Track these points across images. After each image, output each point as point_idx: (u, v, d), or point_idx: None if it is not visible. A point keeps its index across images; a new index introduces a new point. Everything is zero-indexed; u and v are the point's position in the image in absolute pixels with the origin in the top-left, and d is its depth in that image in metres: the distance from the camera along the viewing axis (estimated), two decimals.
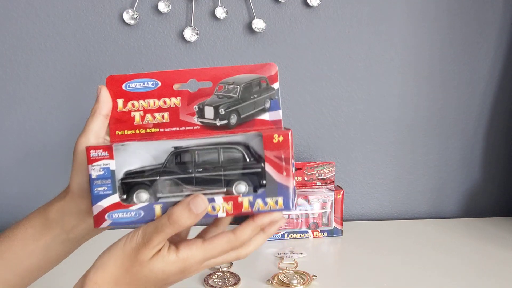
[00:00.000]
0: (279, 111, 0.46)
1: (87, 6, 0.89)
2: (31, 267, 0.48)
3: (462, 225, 0.95)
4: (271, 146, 0.42)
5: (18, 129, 0.92)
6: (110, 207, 0.43)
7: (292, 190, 0.42)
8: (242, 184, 0.44)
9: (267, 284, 0.68)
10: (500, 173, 1.04)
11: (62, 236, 0.47)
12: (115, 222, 0.43)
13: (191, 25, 0.90)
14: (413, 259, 0.78)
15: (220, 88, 0.47)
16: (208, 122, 0.46)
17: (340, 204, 0.88)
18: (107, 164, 0.42)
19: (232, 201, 0.42)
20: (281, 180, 0.42)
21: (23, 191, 0.94)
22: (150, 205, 0.43)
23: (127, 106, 0.47)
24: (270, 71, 0.46)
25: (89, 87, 0.92)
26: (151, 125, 0.47)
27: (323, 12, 0.94)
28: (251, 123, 0.46)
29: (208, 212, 0.42)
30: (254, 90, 0.47)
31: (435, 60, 0.98)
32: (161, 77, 0.47)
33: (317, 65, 0.96)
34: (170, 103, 0.47)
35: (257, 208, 0.42)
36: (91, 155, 0.42)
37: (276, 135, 0.42)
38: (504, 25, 0.98)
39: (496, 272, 0.73)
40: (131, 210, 0.43)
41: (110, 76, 0.47)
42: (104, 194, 0.43)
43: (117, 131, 0.47)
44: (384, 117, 0.99)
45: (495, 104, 1.01)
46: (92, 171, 0.42)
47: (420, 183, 1.03)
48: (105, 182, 0.42)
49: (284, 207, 0.42)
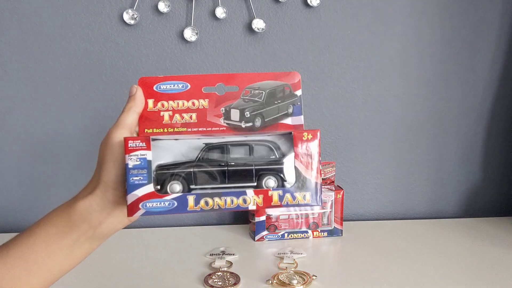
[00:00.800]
0: (301, 116, 0.49)
1: (87, 6, 0.89)
2: (53, 267, 0.47)
3: (462, 225, 0.95)
4: (301, 143, 0.45)
5: (18, 129, 0.92)
6: (144, 197, 0.44)
7: (320, 186, 0.45)
8: (272, 179, 0.46)
9: (267, 284, 0.68)
10: (500, 173, 1.04)
11: (89, 232, 0.47)
12: (149, 211, 0.44)
13: (191, 25, 0.90)
14: (413, 259, 0.78)
15: (246, 93, 0.50)
16: (234, 123, 0.49)
17: (340, 204, 0.88)
18: (144, 155, 0.44)
19: (263, 194, 0.44)
20: (309, 176, 0.45)
21: (23, 191, 0.94)
22: (183, 196, 0.44)
23: (157, 106, 0.49)
24: (293, 79, 0.50)
25: (89, 87, 0.92)
26: (179, 124, 0.49)
27: (323, 12, 0.94)
28: (274, 126, 0.49)
29: (239, 204, 0.44)
30: (278, 96, 0.50)
31: (435, 60, 0.98)
32: (191, 80, 0.50)
33: (317, 65, 0.96)
34: (198, 105, 0.49)
35: (286, 201, 0.44)
36: (129, 145, 0.44)
37: (305, 133, 0.45)
38: (503, 25, 0.98)
39: (496, 272, 0.73)
40: (165, 200, 0.44)
41: (142, 78, 0.49)
42: (140, 184, 0.44)
43: (146, 129, 0.49)
44: (384, 117, 0.99)
45: (495, 104, 1.01)
46: (129, 161, 0.44)
47: (420, 183, 1.03)
48: (141, 172, 0.44)
49: (311, 201, 0.45)
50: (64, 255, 0.47)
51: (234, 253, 0.79)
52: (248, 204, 0.44)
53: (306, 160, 0.45)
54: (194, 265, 0.75)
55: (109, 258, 0.78)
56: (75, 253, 0.47)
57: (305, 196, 0.45)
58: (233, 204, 0.44)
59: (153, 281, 0.69)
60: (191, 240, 0.87)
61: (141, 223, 0.95)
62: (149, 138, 0.44)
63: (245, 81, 0.50)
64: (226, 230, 0.92)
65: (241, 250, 0.81)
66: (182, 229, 0.93)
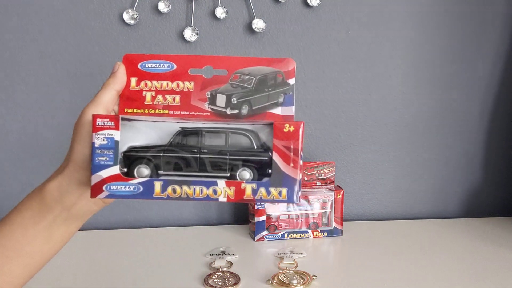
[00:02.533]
0: (292, 107, 0.46)
1: (87, 6, 0.89)
2: (34, 253, 0.45)
3: (463, 225, 0.95)
4: (281, 135, 0.42)
5: (19, 129, 0.92)
6: (109, 178, 0.42)
7: (298, 183, 0.42)
8: (247, 171, 0.43)
9: (267, 284, 0.68)
10: (501, 173, 1.04)
11: (63, 214, 0.45)
12: (113, 194, 0.42)
13: (191, 25, 0.90)
14: (413, 259, 0.78)
15: (235, 78, 0.47)
16: (219, 109, 0.46)
17: (340, 204, 0.88)
18: (112, 134, 0.42)
19: (235, 186, 0.42)
20: (288, 171, 0.42)
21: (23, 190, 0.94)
22: (150, 181, 0.42)
23: (140, 85, 0.47)
24: (287, 66, 0.46)
25: (89, 87, 0.92)
26: (161, 106, 0.46)
27: (323, 12, 0.94)
28: (262, 115, 0.46)
29: (209, 195, 0.42)
30: (269, 83, 0.47)
31: (436, 60, 0.98)
32: (178, 60, 0.47)
33: (318, 65, 0.96)
34: (183, 87, 0.47)
35: (259, 196, 0.42)
36: (97, 123, 0.42)
37: (287, 124, 0.42)
38: (504, 25, 0.98)
39: (497, 272, 0.73)
40: (130, 184, 0.42)
41: (127, 55, 0.47)
42: (105, 165, 0.42)
43: (126, 108, 0.46)
44: (384, 118, 0.99)
45: (496, 104, 1.01)
46: (96, 139, 0.42)
47: (420, 183, 1.03)
48: (107, 152, 0.42)
49: (288, 199, 0.42)
50: (43, 240, 0.45)
51: (234, 253, 0.79)
52: (219, 195, 0.42)
53: (285, 153, 0.42)
54: (194, 265, 0.75)
55: (109, 258, 0.77)
56: (54, 237, 0.46)
57: (281, 192, 0.42)
58: (202, 194, 0.42)
59: (153, 281, 0.69)
60: (191, 240, 0.87)
61: (141, 223, 0.95)
62: (118, 117, 0.42)
63: (235, 65, 0.47)
64: (226, 230, 0.92)
65: (241, 250, 0.81)
66: (182, 229, 0.93)
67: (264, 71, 0.47)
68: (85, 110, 0.44)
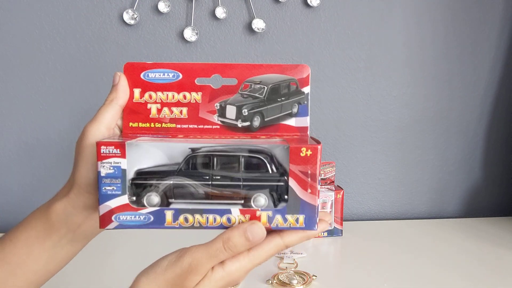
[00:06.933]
0: (307, 117, 0.44)
1: (87, 6, 0.89)
2: (39, 271, 0.45)
3: (463, 225, 0.95)
4: (297, 159, 0.38)
5: (19, 129, 0.91)
6: (118, 208, 0.39)
7: (316, 209, 0.39)
8: (262, 197, 0.40)
9: (267, 284, 0.68)
10: (500, 173, 1.04)
11: (69, 235, 0.44)
12: (122, 225, 0.40)
13: (191, 25, 0.90)
14: (413, 259, 0.78)
15: (245, 87, 0.44)
16: (229, 122, 0.43)
17: (340, 204, 0.88)
18: (118, 163, 0.39)
19: (250, 214, 0.39)
20: (305, 197, 0.39)
21: (24, 188, 0.94)
22: (160, 210, 0.40)
23: (144, 97, 0.44)
24: (301, 73, 0.44)
25: (89, 87, 0.92)
26: (167, 119, 0.44)
27: (323, 12, 0.94)
28: (275, 127, 0.43)
29: (223, 223, 0.39)
30: (282, 92, 0.44)
31: (436, 60, 0.98)
32: (183, 69, 0.44)
33: (318, 65, 0.96)
34: (190, 98, 0.44)
35: (275, 224, 0.39)
36: (101, 152, 0.38)
37: (304, 148, 0.38)
38: (504, 25, 0.98)
39: (497, 272, 0.73)
40: (140, 213, 0.40)
41: (128, 63, 0.44)
42: (113, 194, 0.39)
43: (130, 122, 0.44)
44: (384, 118, 0.99)
45: (496, 104, 1.01)
46: (102, 168, 0.38)
47: (420, 183, 1.03)
48: (114, 181, 0.39)
49: (306, 226, 0.39)
50: (47, 258, 0.45)
51: None
52: (233, 223, 0.39)
53: (302, 179, 0.38)
54: None
55: (109, 258, 0.77)
56: (59, 256, 0.45)
57: (298, 219, 0.39)
58: (215, 223, 0.39)
59: None
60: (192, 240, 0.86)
61: None
62: (124, 144, 0.38)
63: (245, 73, 0.43)
64: None
65: None
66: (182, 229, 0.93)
67: (276, 79, 0.44)
68: (86, 128, 0.42)
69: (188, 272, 0.38)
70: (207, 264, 0.38)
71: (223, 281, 0.39)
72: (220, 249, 0.38)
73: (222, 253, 0.38)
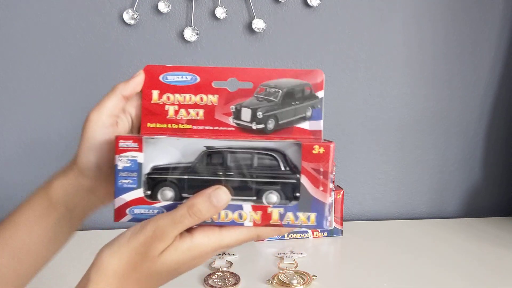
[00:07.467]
0: (320, 121, 0.44)
1: (87, 6, 0.89)
2: (39, 252, 0.45)
3: (463, 225, 0.95)
4: (310, 157, 0.39)
5: (19, 129, 0.92)
6: (132, 202, 0.41)
7: (328, 207, 0.39)
8: (274, 194, 0.41)
9: (267, 284, 0.68)
10: (500, 173, 1.04)
11: (67, 215, 0.45)
12: (136, 217, 0.41)
13: (191, 25, 0.90)
14: (413, 259, 0.78)
15: (260, 91, 0.45)
16: (244, 124, 0.45)
17: (340, 204, 0.88)
18: (135, 156, 0.40)
19: (261, 211, 0.40)
20: (317, 195, 0.39)
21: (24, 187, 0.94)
22: (174, 204, 0.40)
23: (162, 99, 0.45)
24: (316, 78, 0.45)
25: (89, 87, 0.92)
26: (184, 121, 0.45)
27: (323, 12, 0.94)
28: (289, 130, 0.44)
29: (234, 219, 0.40)
30: (297, 96, 0.45)
31: (436, 60, 0.98)
32: (201, 72, 0.45)
33: (318, 65, 0.96)
34: (207, 100, 0.45)
35: (287, 221, 0.40)
36: (119, 145, 0.40)
37: (317, 146, 0.39)
38: (504, 25, 0.98)
39: (497, 272, 0.73)
40: (154, 207, 0.41)
41: (148, 66, 0.45)
42: (129, 187, 0.40)
43: (148, 123, 0.45)
44: (384, 118, 0.99)
45: (496, 104, 1.01)
46: (119, 162, 0.40)
47: (420, 183, 1.03)
48: (131, 174, 0.40)
49: (317, 224, 0.40)
50: (47, 239, 0.45)
51: (234, 253, 0.79)
52: (244, 219, 0.40)
53: (315, 176, 0.39)
54: None
55: None
56: (59, 236, 0.46)
57: (310, 217, 0.39)
58: (227, 218, 0.40)
59: None
60: None
61: None
62: (141, 138, 0.40)
63: (260, 77, 0.45)
64: None
65: (241, 250, 0.81)
66: None
67: (291, 83, 0.45)
68: (89, 115, 0.43)
69: (152, 239, 0.37)
70: (172, 231, 0.37)
71: (190, 252, 0.39)
72: (184, 215, 0.37)
73: (186, 219, 0.37)
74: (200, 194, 0.39)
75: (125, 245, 0.38)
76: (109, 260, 0.38)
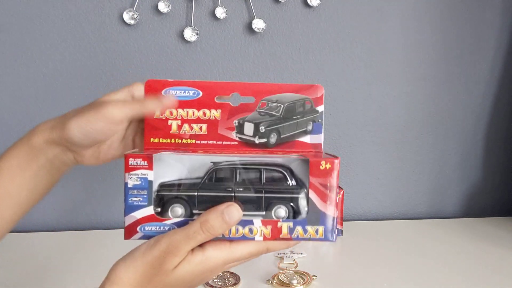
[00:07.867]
0: (320, 135, 0.45)
1: (87, 6, 0.89)
2: (21, 199, 0.47)
3: (462, 225, 0.95)
4: (317, 172, 0.40)
5: (19, 129, 0.91)
6: (143, 219, 0.41)
7: (335, 220, 0.41)
8: (282, 209, 0.42)
9: (267, 284, 0.68)
10: (500, 173, 1.04)
11: (47, 165, 0.47)
12: (147, 235, 0.41)
13: (191, 25, 0.91)
14: (413, 259, 0.78)
15: (262, 105, 0.46)
16: (247, 138, 0.46)
17: (340, 204, 0.88)
18: (145, 174, 0.41)
19: (271, 225, 0.41)
20: (324, 209, 0.41)
21: None
22: (185, 221, 0.41)
23: (165, 114, 0.46)
24: (316, 92, 0.46)
25: (89, 87, 0.92)
26: (187, 135, 0.46)
27: (323, 12, 0.94)
28: (291, 144, 0.46)
29: (245, 234, 0.41)
30: (298, 110, 0.46)
31: (435, 60, 0.98)
32: (203, 87, 0.46)
33: (318, 65, 0.96)
34: (210, 115, 0.46)
35: (296, 235, 0.41)
36: (129, 163, 0.40)
37: (323, 162, 0.40)
38: (504, 25, 0.98)
39: (496, 272, 0.73)
40: (165, 224, 0.41)
41: (150, 80, 0.46)
42: (139, 205, 0.41)
43: (152, 138, 0.46)
44: (384, 118, 0.99)
45: (495, 104, 1.01)
46: (129, 180, 0.40)
47: (420, 183, 1.03)
48: (141, 192, 0.41)
49: (324, 237, 0.41)
50: (29, 188, 0.47)
51: None
52: (255, 234, 0.40)
53: (322, 191, 0.40)
54: None
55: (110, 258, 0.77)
56: (39, 185, 0.47)
57: (318, 230, 0.41)
58: (238, 234, 0.41)
59: None
60: None
61: None
62: (151, 156, 0.40)
63: (262, 92, 0.46)
64: None
65: None
66: None
67: (292, 98, 0.46)
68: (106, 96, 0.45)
69: (166, 253, 0.39)
70: (185, 246, 0.39)
71: (202, 265, 0.40)
72: (197, 231, 0.39)
73: (199, 235, 0.39)
74: (213, 210, 0.39)
75: (140, 259, 0.39)
76: (124, 273, 0.39)
